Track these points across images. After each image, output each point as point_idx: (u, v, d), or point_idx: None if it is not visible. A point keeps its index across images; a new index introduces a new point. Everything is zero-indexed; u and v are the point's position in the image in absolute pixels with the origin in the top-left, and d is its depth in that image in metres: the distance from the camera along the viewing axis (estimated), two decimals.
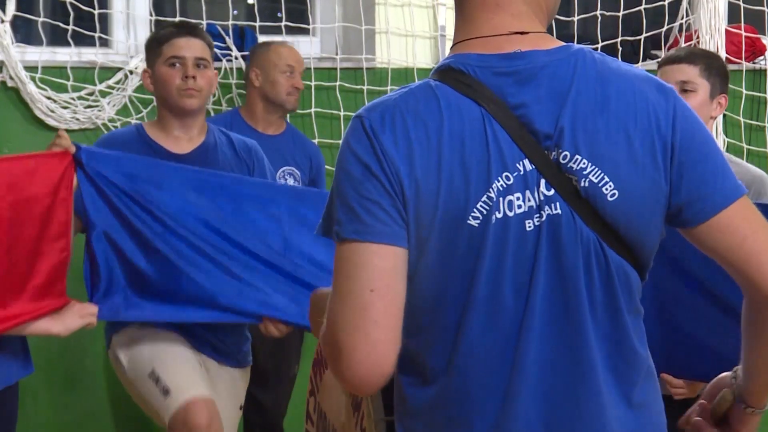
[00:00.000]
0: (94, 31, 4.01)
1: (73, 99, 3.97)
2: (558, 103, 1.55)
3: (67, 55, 3.98)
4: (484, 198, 1.53)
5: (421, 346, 1.60)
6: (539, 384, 1.56)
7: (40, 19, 3.95)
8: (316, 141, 4.16)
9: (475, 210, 1.53)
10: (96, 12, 4.00)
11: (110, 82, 3.99)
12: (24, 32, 4.10)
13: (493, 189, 1.53)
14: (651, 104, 1.56)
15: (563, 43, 1.58)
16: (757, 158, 4.44)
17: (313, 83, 4.18)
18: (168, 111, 3.07)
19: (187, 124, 3.08)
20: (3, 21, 3.81)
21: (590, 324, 1.56)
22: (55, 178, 2.80)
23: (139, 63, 4.02)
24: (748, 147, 4.43)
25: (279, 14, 4.31)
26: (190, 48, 3.04)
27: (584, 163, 1.53)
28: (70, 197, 2.82)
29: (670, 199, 1.57)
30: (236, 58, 4.11)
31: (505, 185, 1.54)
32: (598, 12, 4.47)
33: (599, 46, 4.44)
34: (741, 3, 4.51)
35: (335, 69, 4.26)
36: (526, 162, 1.54)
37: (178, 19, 4.17)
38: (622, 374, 1.59)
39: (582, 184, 1.53)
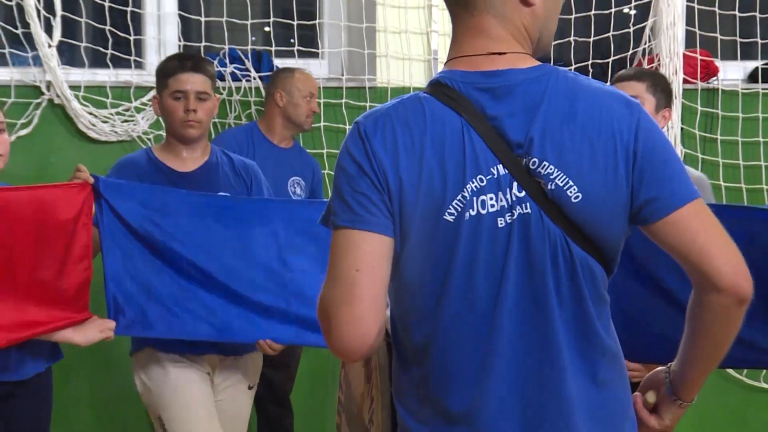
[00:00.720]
0: (130, 55, 4.13)
1: (111, 114, 4.09)
2: (530, 116, 1.58)
3: (107, 75, 4.10)
4: (459, 197, 1.58)
5: (407, 328, 1.65)
6: (511, 363, 1.60)
7: (83, 45, 4.08)
8: (324, 151, 4.30)
9: (450, 207, 1.58)
10: (131, 38, 4.14)
11: (144, 99, 4.11)
12: (68, 56, 4.17)
13: (467, 189, 1.58)
14: (616, 117, 1.58)
15: (540, 63, 1.63)
16: (711, 166, 4.48)
17: (322, 101, 4.26)
18: (173, 136, 3.16)
19: (190, 147, 3.15)
20: (50, 46, 3.97)
21: (556, 310, 1.59)
22: (77, 206, 2.87)
23: None
24: (703, 156, 4.50)
25: (292, 40, 4.39)
26: (192, 83, 3.09)
27: (551, 169, 1.57)
28: (90, 222, 2.90)
29: (632, 201, 1.60)
30: (254, 78, 4.22)
31: (478, 186, 1.58)
32: (572, 38, 4.51)
33: (572, 67, 4.48)
34: (697, 30, 4.56)
35: (341, 88, 4.36)
36: (500, 167, 1.58)
37: (202, 44, 4.23)
38: (586, 354, 1.62)
39: (549, 187, 1.57)
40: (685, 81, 4.54)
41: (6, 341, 2.74)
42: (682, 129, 4.52)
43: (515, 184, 1.58)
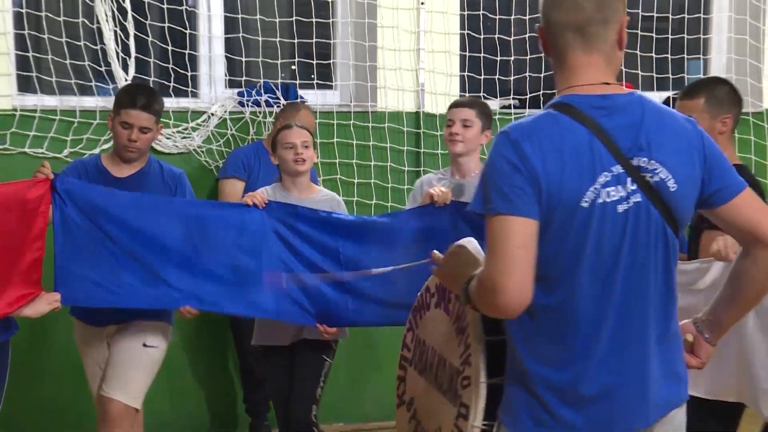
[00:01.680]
0: (188, 87, 4.73)
1: (173, 133, 4.64)
2: (636, 127, 1.84)
3: (169, 103, 4.54)
4: (591, 188, 1.81)
5: (540, 290, 1.85)
6: (617, 319, 1.85)
7: (151, 79, 4.68)
8: (337, 160, 4.86)
9: (585, 196, 1.80)
10: (189, 74, 4.78)
11: (198, 121, 4.67)
12: None
13: (597, 182, 1.81)
14: (686, 129, 1.91)
15: (629, 90, 1.94)
16: None
17: (335, 122, 4.87)
18: (115, 151, 3.53)
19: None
20: (126, 80, 4.56)
21: (652, 276, 1.87)
22: (39, 197, 3.12)
23: (217, 108, 4.77)
24: None
25: (312, 75, 5.00)
26: (139, 120, 3.41)
27: (655, 165, 1.82)
28: (47, 211, 3.15)
29: (703, 190, 1.90)
30: (283, 105, 4.70)
31: (605, 181, 1.81)
32: (527, 74, 5.11)
33: (527, 97, 5.03)
34: (623, 68, 4.67)
35: (350, 112, 4.96)
36: (618, 167, 1.82)
37: (243, 78, 4.76)
38: (668, 313, 1.90)
39: (654, 180, 1.82)
40: None
41: None
42: None
43: (629, 179, 1.82)
